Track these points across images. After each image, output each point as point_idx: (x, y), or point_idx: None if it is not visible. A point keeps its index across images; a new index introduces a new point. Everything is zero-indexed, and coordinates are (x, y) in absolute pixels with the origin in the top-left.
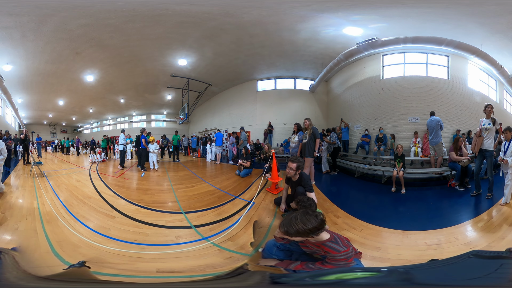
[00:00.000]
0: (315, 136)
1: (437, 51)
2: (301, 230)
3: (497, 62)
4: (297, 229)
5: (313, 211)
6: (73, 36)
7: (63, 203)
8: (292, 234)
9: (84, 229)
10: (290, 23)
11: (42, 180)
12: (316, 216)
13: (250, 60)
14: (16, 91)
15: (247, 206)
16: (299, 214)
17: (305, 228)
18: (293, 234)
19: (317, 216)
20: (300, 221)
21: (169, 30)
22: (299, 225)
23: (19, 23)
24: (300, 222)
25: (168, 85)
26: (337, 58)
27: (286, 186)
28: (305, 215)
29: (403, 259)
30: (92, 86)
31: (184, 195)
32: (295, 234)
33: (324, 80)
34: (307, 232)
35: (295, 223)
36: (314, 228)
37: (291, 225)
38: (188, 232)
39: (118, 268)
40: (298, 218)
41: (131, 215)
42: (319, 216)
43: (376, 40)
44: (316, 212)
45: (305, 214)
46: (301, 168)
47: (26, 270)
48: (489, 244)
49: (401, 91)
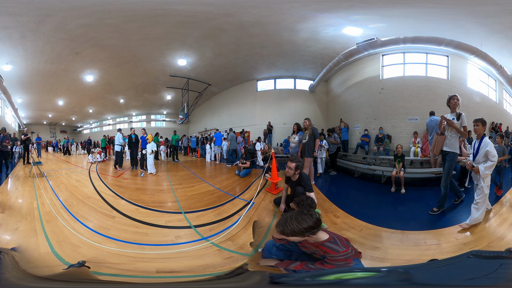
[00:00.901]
0: (315, 136)
1: (436, 51)
2: (296, 229)
3: (496, 62)
4: (292, 229)
5: (308, 210)
6: (73, 36)
7: (62, 203)
8: (288, 233)
9: (83, 229)
10: (290, 23)
11: (42, 180)
12: (311, 215)
13: (250, 60)
14: (16, 91)
15: (247, 206)
16: (294, 214)
17: (300, 227)
18: (288, 233)
19: (312, 215)
20: (295, 220)
21: (168, 30)
22: (294, 224)
23: (19, 23)
24: (295, 221)
25: (168, 85)
26: (337, 58)
27: (286, 186)
28: (300, 215)
29: (403, 259)
30: (92, 86)
31: (183, 195)
32: (290, 234)
33: (324, 80)
34: (302, 231)
35: (290, 223)
36: (309, 228)
37: (286, 224)
38: (188, 232)
39: (117, 268)
40: (293, 217)
41: (131, 215)
42: (314, 215)
43: (376, 40)
44: (312, 211)
45: (300, 214)
46: (300, 168)
47: (26, 270)
48: (488, 244)
49: (401, 91)
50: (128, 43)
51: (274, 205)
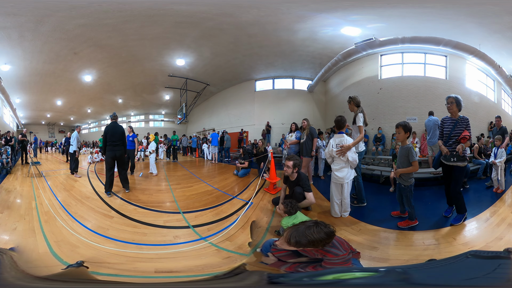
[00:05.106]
0: (313, 136)
1: (435, 51)
2: (315, 240)
3: (495, 62)
4: (310, 239)
5: (323, 223)
6: (71, 36)
7: (61, 203)
8: (304, 245)
9: (82, 229)
10: (288, 23)
11: (40, 180)
12: (326, 227)
13: (248, 60)
14: (14, 91)
15: (245, 206)
16: (312, 226)
17: (318, 237)
18: (305, 245)
19: (326, 226)
20: (316, 232)
21: (167, 30)
22: (314, 235)
23: (17, 23)
24: (316, 233)
25: (166, 85)
26: (335, 58)
27: (284, 186)
28: (316, 226)
29: (401, 259)
30: (90, 86)
31: (182, 195)
32: (306, 245)
33: (322, 80)
34: (318, 242)
35: (308, 234)
36: (324, 239)
37: (304, 236)
38: (186, 232)
39: (116, 268)
40: (313, 229)
41: (129, 215)
42: (328, 227)
43: (374, 40)
44: (324, 223)
45: (316, 225)
46: (298, 166)
47: (24, 270)
48: (487, 244)
49: (399, 91)
50: (126, 43)
51: (272, 205)
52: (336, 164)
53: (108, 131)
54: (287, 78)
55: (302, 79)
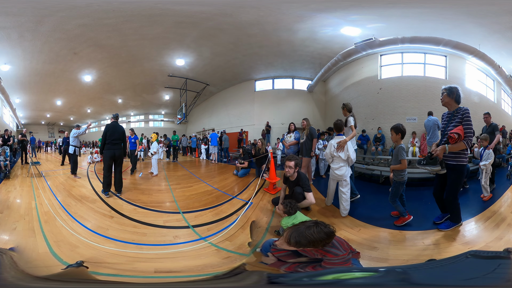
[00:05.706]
0: (312, 136)
1: (435, 51)
2: (315, 240)
3: (495, 62)
4: (310, 240)
5: (323, 224)
6: (71, 36)
7: (61, 203)
8: (304, 245)
9: (82, 229)
10: (288, 23)
11: (40, 180)
12: (325, 226)
13: (248, 60)
14: (14, 91)
15: (245, 206)
16: (312, 226)
17: (317, 237)
18: (305, 245)
19: (326, 226)
20: (316, 232)
21: (166, 30)
22: (313, 235)
23: (17, 23)
24: (316, 233)
25: (166, 85)
26: (335, 58)
27: (284, 186)
28: (316, 226)
29: (401, 259)
30: (90, 86)
31: (182, 195)
32: (306, 245)
33: (322, 80)
34: (318, 242)
35: (308, 234)
36: (324, 239)
37: (304, 236)
38: (186, 232)
39: (116, 268)
40: (313, 230)
41: (129, 215)
42: (328, 227)
43: (374, 40)
44: (324, 223)
45: (316, 225)
46: (299, 165)
47: (24, 270)
48: (487, 244)
49: (399, 91)
50: (126, 43)
51: (272, 205)
52: (336, 164)
53: (109, 129)
54: (286, 78)
55: (301, 79)
